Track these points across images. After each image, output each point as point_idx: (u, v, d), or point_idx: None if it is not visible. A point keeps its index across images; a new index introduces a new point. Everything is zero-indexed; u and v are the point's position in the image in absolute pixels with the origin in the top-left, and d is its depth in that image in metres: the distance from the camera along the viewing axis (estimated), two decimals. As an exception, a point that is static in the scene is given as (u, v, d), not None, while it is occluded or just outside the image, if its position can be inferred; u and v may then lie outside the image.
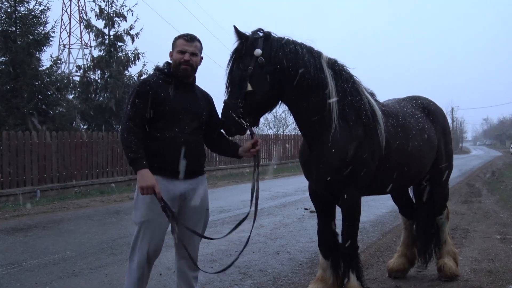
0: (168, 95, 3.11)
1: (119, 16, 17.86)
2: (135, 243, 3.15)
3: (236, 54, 3.28)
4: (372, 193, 3.97)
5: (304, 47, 3.39)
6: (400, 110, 4.03)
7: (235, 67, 3.26)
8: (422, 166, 4.05)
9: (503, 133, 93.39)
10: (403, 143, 3.75)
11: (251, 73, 3.19)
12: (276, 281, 4.63)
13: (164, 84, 3.14)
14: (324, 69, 3.38)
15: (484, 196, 11.10)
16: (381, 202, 9.50)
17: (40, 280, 4.79)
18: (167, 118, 3.09)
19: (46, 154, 11.86)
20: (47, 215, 9.15)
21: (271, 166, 20.06)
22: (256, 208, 3.48)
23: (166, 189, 3.06)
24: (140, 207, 3.11)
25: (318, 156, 3.47)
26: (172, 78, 3.17)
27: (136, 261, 3.13)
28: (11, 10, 13.87)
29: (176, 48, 3.17)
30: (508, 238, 6.29)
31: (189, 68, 3.16)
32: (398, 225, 7.06)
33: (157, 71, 3.26)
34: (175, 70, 3.18)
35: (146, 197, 3.04)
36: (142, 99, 3.03)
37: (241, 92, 3.18)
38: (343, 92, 3.44)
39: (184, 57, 3.12)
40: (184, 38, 3.18)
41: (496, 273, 4.66)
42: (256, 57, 3.20)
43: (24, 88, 13.20)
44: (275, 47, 3.27)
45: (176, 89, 3.16)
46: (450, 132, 4.65)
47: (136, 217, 3.15)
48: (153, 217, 3.09)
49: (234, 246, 6.14)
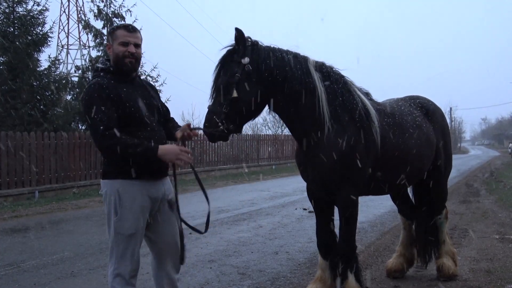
0: (127, 94, 2.88)
1: (118, 16, 17.82)
2: (123, 255, 2.91)
3: (223, 61, 3.28)
4: (371, 193, 3.97)
5: (289, 54, 3.43)
6: (397, 109, 4.03)
7: (222, 74, 3.27)
8: (420, 164, 4.04)
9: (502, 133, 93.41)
10: (399, 142, 3.76)
11: (237, 80, 3.21)
12: (275, 281, 4.63)
13: (117, 84, 2.89)
14: (311, 72, 3.41)
15: (482, 196, 11.11)
16: (379, 202, 9.51)
17: (38, 281, 4.79)
18: (136, 119, 2.88)
19: (45, 155, 11.85)
20: (45, 215, 9.14)
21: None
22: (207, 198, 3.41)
23: (147, 193, 2.94)
24: (128, 218, 2.89)
25: (312, 158, 3.49)
26: (120, 76, 2.93)
27: (128, 276, 2.93)
28: (9, 10, 13.86)
29: (117, 40, 2.90)
30: (506, 237, 6.30)
31: (134, 61, 2.93)
32: (397, 225, 7.06)
33: (101, 71, 2.96)
34: (118, 65, 2.91)
35: (135, 207, 2.89)
36: (107, 105, 2.77)
37: (226, 98, 3.19)
38: (334, 93, 3.46)
39: (128, 49, 2.89)
40: (126, 28, 2.95)
41: (495, 273, 4.66)
42: (244, 64, 3.22)
43: (23, 88, 13.18)
44: (262, 55, 3.30)
45: (129, 87, 2.95)
46: (449, 132, 4.65)
47: (123, 228, 2.89)
48: (140, 228, 2.94)
49: (233, 246, 6.15)
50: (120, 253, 2.92)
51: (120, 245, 2.91)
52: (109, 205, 2.93)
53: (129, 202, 2.89)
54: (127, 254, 2.92)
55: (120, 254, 2.92)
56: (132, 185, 2.90)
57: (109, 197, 2.92)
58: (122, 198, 2.89)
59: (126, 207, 2.88)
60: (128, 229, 2.90)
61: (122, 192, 2.89)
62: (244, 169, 19.78)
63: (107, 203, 2.96)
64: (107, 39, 3.05)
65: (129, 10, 17.90)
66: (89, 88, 2.86)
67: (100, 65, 3.00)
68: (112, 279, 2.94)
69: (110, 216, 2.94)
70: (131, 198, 2.90)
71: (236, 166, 19.94)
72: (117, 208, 2.90)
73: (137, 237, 2.95)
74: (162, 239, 3.10)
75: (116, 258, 2.93)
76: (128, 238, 2.91)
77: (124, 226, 2.89)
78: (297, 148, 3.74)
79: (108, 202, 2.94)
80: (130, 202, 2.90)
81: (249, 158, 21.56)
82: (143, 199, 2.93)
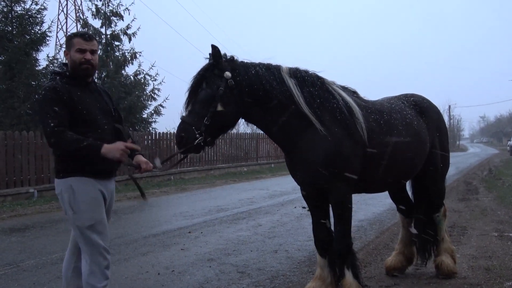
0: (80, 98, 3.02)
1: (116, 15, 17.82)
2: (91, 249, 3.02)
3: (205, 73, 3.31)
4: (364, 191, 3.99)
5: (262, 66, 3.49)
6: (386, 106, 4.04)
7: (205, 86, 3.29)
8: (409, 162, 4.03)
9: (500, 130, 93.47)
10: (387, 139, 3.76)
11: (222, 93, 3.26)
12: (274, 280, 4.64)
13: (71, 88, 3.02)
14: (285, 80, 3.47)
15: (481, 194, 11.12)
16: (378, 200, 9.52)
17: (38, 280, 4.79)
18: (87, 121, 3.01)
19: (43, 154, 11.82)
20: (44, 215, 9.13)
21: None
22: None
23: (100, 189, 3.08)
24: (84, 210, 3.01)
25: (299, 161, 3.55)
26: (75, 81, 3.07)
27: (106, 262, 3.07)
28: (7, 10, 13.84)
29: (73, 47, 3.05)
30: (505, 235, 6.31)
31: (90, 68, 3.08)
32: (396, 223, 7.07)
33: (57, 75, 3.11)
34: (75, 71, 3.06)
35: (89, 200, 3.02)
36: (60, 106, 2.91)
37: (209, 111, 3.23)
38: (311, 97, 3.49)
39: (85, 56, 3.03)
40: (82, 36, 3.08)
41: (494, 270, 4.67)
42: (226, 79, 3.28)
43: (20, 88, 13.16)
44: (242, 71, 3.39)
45: (83, 91, 3.08)
46: (446, 130, 4.64)
47: (81, 221, 3.01)
48: (100, 219, 3.07)
49: (232, 245, 6.15)
50: (87, 247, 3.02)
51: (85, 239, 3.02)
52: (65, 203, 3.05)
53: (83, 195, 3.01)
54: (93, 246, 3.02)
55: (87, 248, 3.02)
56: (85, 181, 3.02)
57: (64, 195, 3.03)
58: (76, 192, 3.00)
59: (81, 200, 3.00)
60: (86, 220, 3.01)
61: (76, 187, 3.01)
62: (243, 168, 19.78)
63: (63, 202, 3.07)
64: (65, 46, 3.21)
65: (127, 9, 17.90)
66: (44, 90, 3.00)
67: (57, 69, 3.19)
68: (87, 275, 3.02)
69: (68, 213, 3.06)
70: (85, 191, 3.02)
71: (235, 165, 19.94)
72: (71, 203, 3.01)
73: (97, 228, 3.04)
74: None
75: (85, 253, 3.03)
76: (89, 230, 3.01)
77: (82, 219, 3.01)
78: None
79: (63, 200, 3.05)
80: (84, 195, 3.01)
81: (248, 157, 21.56)
82: (96, 193, 3.06)
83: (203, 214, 8.63)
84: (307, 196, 3.80)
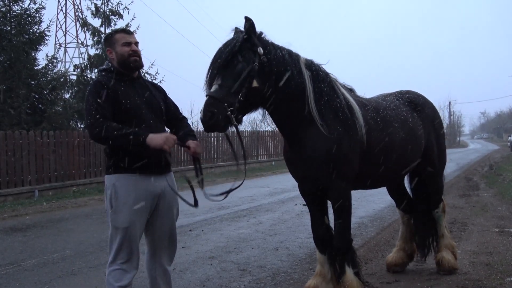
0: (124, 92, 3.02)
1: (115, 14, 17.77)
2: (120, 249, 2.98)
3: (240, 46, 3.02)
4: (363, 187, 3.99)
5: (286, 51, 3.34)
6: (382, 103, 4.04)
7: (241, 59, 3.00)
8: (405, 158, 4.04)
9: (501, 126, 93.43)
10: (383, 135, 3.77)
11: (257, 69, 3.06)
12: (275, 277, 4.64)
13: (117, 83, 3.03)
14: (303, 72, 3.37)
15: (482, 190, 11.12)
16: (379, 197, 9.52)
17: (39, 279, 4.79)
18: (132, 115, 2.99)
19: (44, 154, 11.83)
20: (45, 214, 9.14)
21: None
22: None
23: (145, 187, 3.00)
24: (122, 211, 2.96)
25: (302, 155, 3.50)
26: (122, 75, 3.09)
27: (125, 268, 3.01)
28: (5, 9, 13.79)
29: (118, 43, 3.09)
30: (506, 231, 6.31)
31: (138, 59, 3.12)
32: (396, 219, 7.08)
33: (103, 71, 3.16)
34: (125, 64, 3.08)
35: (130, 201, 2.95)
36: (103, 99, 2.93)
37: (245, 87, 2.99)
38: (320, 93, 3.45)
39: (132, 48, 3.08)
40: (124, 31, 3.20)
41: (495, 266, 4.68)
42: (260, 55, 3.09)
43: (20, 87, 13.14)
44: (271, 50, 3.22)
45: (129, 86, 3.09)
46: (442, 125, 4.64)
47: (118, 221, 2.97)
48: (136, 221, 3.00)
49: (233, 242, 6.16)
50: (117, 246, 3.00)
51: (117, 238, 3.00)
52: (107, 199, 3.05)
53: (124, 195, 2.98)
54: (123, 247, 3.00)
55: (117, 248, 3.00)
56: (128, 179, 2.99)
57: (107, 191, 3.04)
58: (118, 191, 2.98)
59: (121, 201, 2.97)
60: (123, 222, 2.97)
61: (118, 186, 2.99)
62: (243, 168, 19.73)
63: (105, 197, 3.07)
64: (105, 45, 3.22)
65: (127, 8, 17.86)
66: (90, 85, 3.11)
67: (104, 66, 3.21)
68: (108, 272, 3.02)
69: (107, 209, 3.05)
70: (126, 192, 2.98)
71: (235, 163, 19.92)
72: (112, 201, 3.00)
73: (132, 231, 3.00)
74: (157, 231, 3.18)
75: (114, 251, 3.01)
76: (123, 232, 2.98)
77: (119, 219, 2.98)
78: (285, 146, 3.74)
79: (106, 196, 3.06)
80: (125, 196, 2.97)
81: (249, 155, 21.55)
82: (139, 193, 2.99)
83: (204, 212, 8.63)
84: (306, 192, 3.80)
